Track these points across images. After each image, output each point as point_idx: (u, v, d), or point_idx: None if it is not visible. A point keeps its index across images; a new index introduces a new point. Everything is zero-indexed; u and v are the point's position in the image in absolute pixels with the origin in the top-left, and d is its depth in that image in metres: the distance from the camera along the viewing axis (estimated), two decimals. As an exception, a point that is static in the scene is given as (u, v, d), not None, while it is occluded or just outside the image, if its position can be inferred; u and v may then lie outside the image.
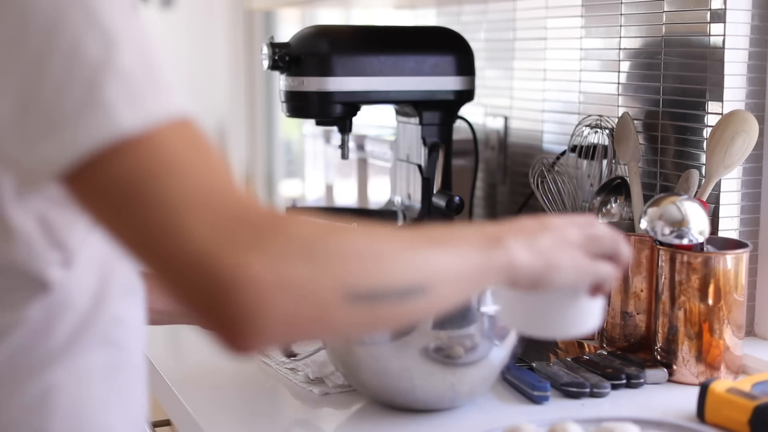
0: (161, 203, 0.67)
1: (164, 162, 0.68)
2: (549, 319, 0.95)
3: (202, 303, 0.67)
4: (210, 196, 0.69)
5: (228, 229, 0.67)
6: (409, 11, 2.24)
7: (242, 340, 0.67)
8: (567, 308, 0.94)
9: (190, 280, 0.67)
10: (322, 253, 0.70)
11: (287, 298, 0.67)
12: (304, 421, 1.20)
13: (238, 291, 0.66)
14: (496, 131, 1.88)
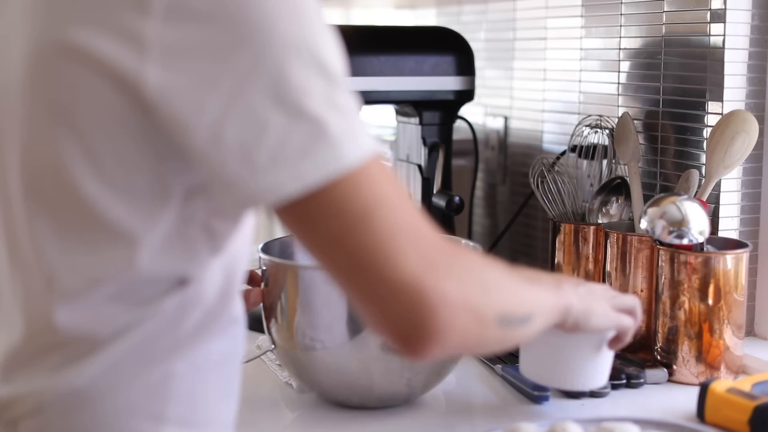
0: (381, 232, 0.77)
1: (380, 195, 0.78)
2: (569, 369, 1.09)
3: (404, 320, 0.78)
4: (415, 227, 0.79)
5: (430, 257, 0.79)
6: (409, 11, 2.24)
7: (427, 349, 0.80)
8: (587, 360, 1.08)
9: (398, 300, 0.78)
10: (488, 281, 0.85)
11: (467, 316, 0.81)
12: (302, 421, 1.20)
13: (437, 309, 0.78)
14: (496, 131, 1.88)
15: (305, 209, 0.76)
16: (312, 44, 0.76)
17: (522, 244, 1.82)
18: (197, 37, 0.72)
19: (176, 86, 0.73)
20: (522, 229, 1.81)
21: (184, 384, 0.83)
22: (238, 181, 0.75)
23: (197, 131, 0.73)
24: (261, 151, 0.73)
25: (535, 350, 1.10)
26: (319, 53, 0.76)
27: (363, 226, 0.76)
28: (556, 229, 1.48)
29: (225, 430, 0.90)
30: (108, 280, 0.79)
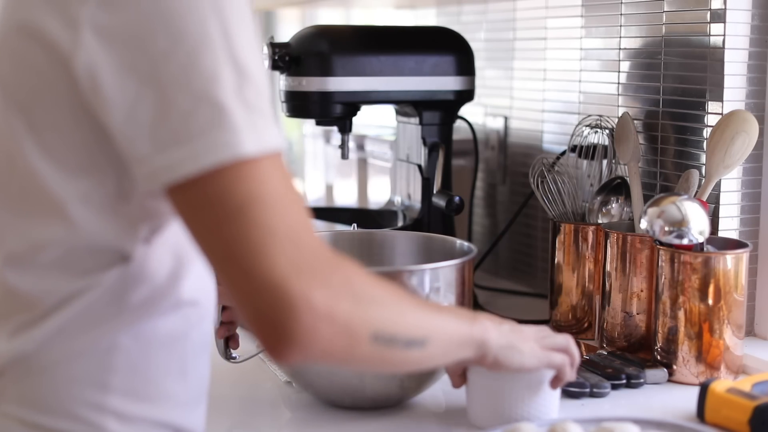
0: (257, 228, 0.79)
1: (266, 192, 0.80)
2: (511, 411, 1.07)
3: (265, 319, 0.80)
4: (295, 231, 0.81)
5: (303, 263, 0.80)
6: (409, 11, 2.24)
7: (286, 353, 0.81)
8: (529, 400, 1.07)
9: (261, 298, 0.79)
10: (364, 297, 0.85)
11: (332, 331, 0.81)
12: (302, 420, 1.20)
13: (298, 315, 0.79)
14: (496, 131, 1.88)
15: (193, 193, 0.79)
16: (230, 40, 0.80)
17: (522, 244, 1.82)
18: (123, 22, 0.79)
19: (101, 65, 0.79)
20: (522, 229, 1.81)
21: (127, 356, 0.88)
22: (144, 158, 0.79)
23: (115, 109, 0.79)
24: (165, 129, 0.78)
25: (475, 395, 1.10)
26: (235, 49, 0.80)
27: (239, 218, 0.79)
28: (556, 229, 1.48)
29: (178, 408, 0.93)
30: (49, 246, 0.85)
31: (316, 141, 2.30)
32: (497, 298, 1.72)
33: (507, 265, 1.87)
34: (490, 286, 1.79)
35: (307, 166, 2.40)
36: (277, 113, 1.61)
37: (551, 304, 1.50)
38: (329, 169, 2.23)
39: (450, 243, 1.29)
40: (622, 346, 1.34)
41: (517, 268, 1.84)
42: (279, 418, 1.19)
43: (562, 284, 1.48)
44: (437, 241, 1.31)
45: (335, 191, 2.22)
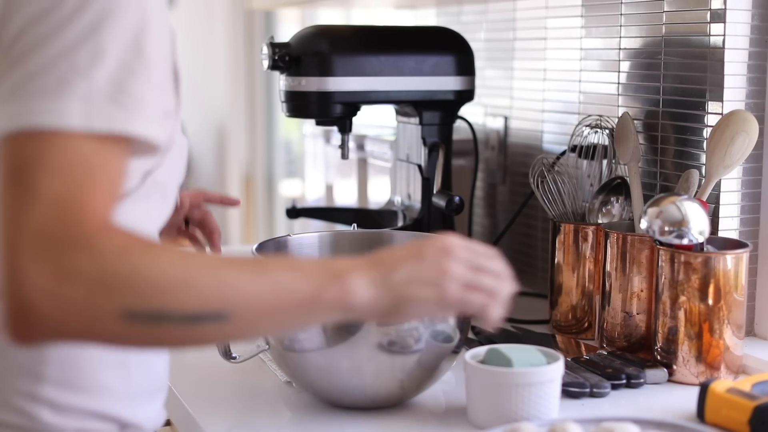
0: (23, 187, 0.76)
1: (57, 158, 0.77)
2: (513, 405, 1.06)
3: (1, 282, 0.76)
4: (62, 201, 0.76)
5: (43, 238, 0.75)
6: (409, 11, 2.24)
7: (14, 332, 0.76)
8: (530, 396, 1.06)
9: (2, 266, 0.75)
10: (109, 276, 0.76)
11: (55, 310, 0.75)
12: (302, 420, 1.20)
13: (15, 292, 0.74)
14: (496, 131, 1.88)
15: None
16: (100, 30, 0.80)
17: (522, 244, 1.82)
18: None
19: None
20: (522, 229, 1.81)
21: (59, 347, 0.89)
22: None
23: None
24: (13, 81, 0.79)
25: (475, 395, 1.11)
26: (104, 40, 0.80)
27: (13, 178, 0.77)
28: (556, 229, 1.48)
29: (120, 400, 0.93)
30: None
31: (316, 141, 2.30)
32: (497, 298, 1.72)
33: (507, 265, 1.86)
34: (490, 286, 1.79)
35: (307, 166, 2.40)
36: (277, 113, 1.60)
37: (551, 304, 1.50)
38: (329, 169, 2.23)
39: None
40: (622, 346, 1.34)
41: (517, 268, 1.83)
42: (279, 418, 1.19)
43: (562, 284, 1.48)
44: None
45: (335, 191, 2.22)
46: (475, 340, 1.43)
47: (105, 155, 0.80)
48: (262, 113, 3.90)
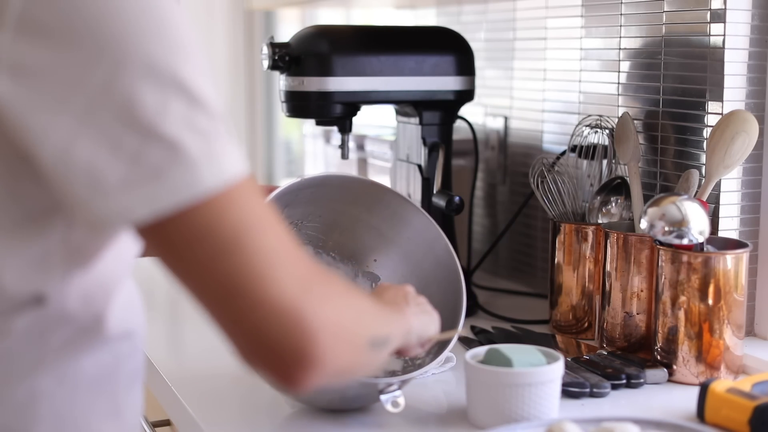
0: (257, 253, 0.74)
1: (249, 219, 0.75)
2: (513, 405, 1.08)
3: (281, 346, 0.75)
4: (288, 250, 0.77)
5: (306, 280, 0.77)
6: (409, 11, 2.24)
7: (305, 377, 0.76)
8: (530, 396, 1.08)
9: (274, 325, 0.74)
10: (357, 306, 0.85)
11: (344, 341, 0.79)
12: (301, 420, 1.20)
13: (317, 335, 0.75)
14: (496, 131, 1.88)
15: (166, 234, 0.73)
16: (173, 64, 0.73)
17: (522, 244, 1.82)
18: (49, 53, 0.70)
19: (26, 101, 0.71)
20: (522, 229, 1.81)
21: (51, 402, 0.82)
22: (87, 202, 0.72)
23: (46, 149, 0.71)
24: (111, 173, 0.71)
25: (475, 395, 1.11)
26: (180, 73, 0.73)
27: (234, 250, 0.73)
28: (556, 229, 1.48)
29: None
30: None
31: (316, 141, 2.30)
32: (497, 298, 1.72)
33: (507, 265, 1.87)
34: (490, 286, 1.79)
35: (307, 166, 2.40)
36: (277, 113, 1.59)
37: (551, 304, 1.50)
38: (329, 169, 2.23)
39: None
40: (622, 346, 1.34)
41: (517, 268, 1.84)
42: (279, 418, 1.19)
43: (562, 284, 1.48)
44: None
45: (335, 191, 2.21)
46: (475, 340, 1.43)
47: (260, 195, 0.78)
48: (262, 113, 3.90)
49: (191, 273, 0.75)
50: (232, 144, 0.75)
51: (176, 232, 0.73)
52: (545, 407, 1.08)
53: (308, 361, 0.75)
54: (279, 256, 0.75)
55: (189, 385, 1.26)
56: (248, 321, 0.75)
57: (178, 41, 0.74)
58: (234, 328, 0.76)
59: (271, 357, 0.76)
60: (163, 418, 1.34)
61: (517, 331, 1.49)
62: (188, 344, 1.53)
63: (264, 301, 0.74)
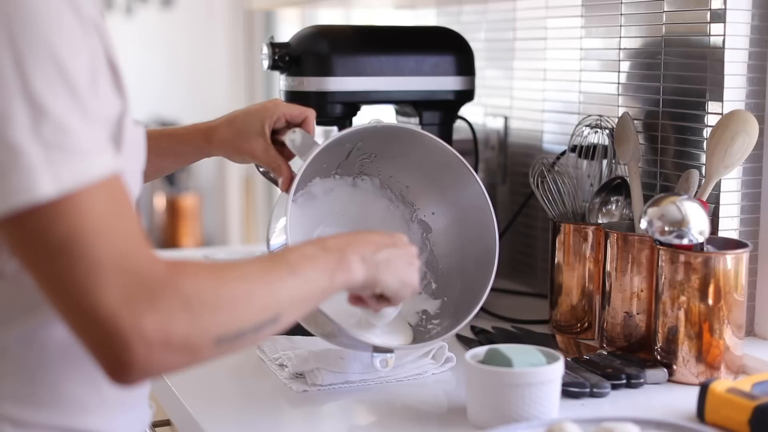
0: (79, 264, 0.77)
1: (83, 226, 0.77)
2: (513, 405, 1.08)
3: (101, 351, 0.79)
4: (121, 257, 0.79)
5: (130, 292, 0.78)
6: (409, 11, 2.24)
7: (128, 380, 0.80)
8: (530, 396, 1.08)
9: (94, 333, 0.78)
10: (198, 308, 0.82)
11: (170, 353, 0.80)
12: (301, 420, 1.20)
13: (132, 347, 0.78)
14: (496, 131, 1.88)
15: (7, 231, 0.79)
16: (24, 75, 0.77)
17: (522, 244, 1.82)
18: None
19: None
20: (522, 229, 1.81)
21: (17, 362, 0.88)
22: None
23: None
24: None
25: (475, 395, 1.11)
26: (30, 84, 0.77)
27: (60, 258, 0.77)
28: (556, 229, 1.48)
29: (89, 413, 0.91)
30: None
31: (316, 141, 2.29)
32: (497, 298, 1.72)
33: (507, 265, 1.87)
34: (490, 286, 1.79)
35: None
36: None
37: (551, 304, 1.50)
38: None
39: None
40: (622, 346, 1.34)
41: (517, 268, 1.84)
42: (279, 418, 1.19)
43: (562, 284, 1.48)
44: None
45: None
46: (475, 340, 1.43)
47: (113, 194, 0.81)
48: (262, 113, 3.89)
49: (29, 268, 0.80)
50: (82, 152, 0.78)
51: (12, 233, 0.78)
52: (545, 407, 1.08)
53: (126, 368, 0.79)
54: (102, 266, 0.78)
55: (189, 385, 1.26)
56: (74, 323, 0.79)
57: (31, 49, 0.77)
58: (67, 324, 0.80)
59: (96, 356, 0.80)
60: (163, 418, 1.34)
61: (517, 331, 1.49)
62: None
63: (84, 310, 0.78)
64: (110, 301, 0.78)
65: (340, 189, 1.34)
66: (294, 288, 0.92)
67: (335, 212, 1.33)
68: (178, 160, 1.35)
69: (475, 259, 1.30)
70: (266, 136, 1.25)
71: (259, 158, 1.25)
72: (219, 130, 1.28)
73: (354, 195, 1.35)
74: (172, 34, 4.50)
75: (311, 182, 1.32)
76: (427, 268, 1.35)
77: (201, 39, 4.18)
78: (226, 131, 1.27)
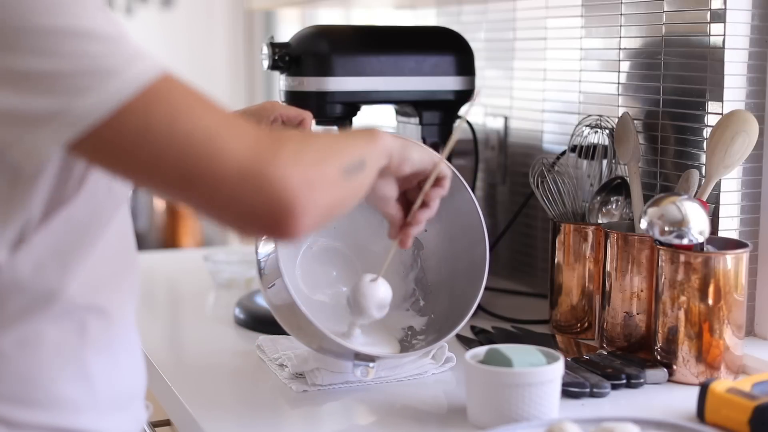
0: (195, 137, 0.79)
1: (178, 106, 0.80)
2: (513, 405, 1.08)
3: (258, 206, 0.81)
4: (229, 123, 0.81)
5: (257, 143, 0.81)
6: (409, 11, 2.24)
7: (289, 230, 0.82)
8: (530, 396, 1.08)
9: (242, 192, 0.80)
10: (318, 146, 0.88)
11: (315, 184, 0.84)
12: (302, 420, 1.20)
13: (287, 188, 0.81)
14: (496, 131, 1.88)
15: (104, 147, 0.79)
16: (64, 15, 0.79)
17: (522, 244, 1.82)
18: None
19: None
20: (522, 229, 1.81)
21: (10, 363, 0.87)
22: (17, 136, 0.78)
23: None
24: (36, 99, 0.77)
25: (475, 395, 1.11)
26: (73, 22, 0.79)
27: (173, 140, 0.79)
28: (556, 229, 1.48)
29: (82, 413, 0.91)
30: None
31: (316, 141, 2.29)
32: (497, 298, 1.72)
33: (507, 265, 1.87)
34: (490, 286, 1.78)
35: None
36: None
37: (551, 304, 1.50)
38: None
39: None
40: (622, 346, 1.34)
41: (517, 268, 1.84)
42: (279, 418, 1.19)
43: (562, 284, 1.48)
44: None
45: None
46: (475, 340, 1.43)
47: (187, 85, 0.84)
48: (262, 113, 3.89)
49: (146, 175, 0.81)
50: (138, 54, 0.81)
51: (112, 142, 0.79)
52: (545, 407, 1.08)
53: (290, 214, 0.81)
54: (220, 131, 0.80)
55: (189, 385, 1.26)
56: (218, 198, 0.81)
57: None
58: (211, 209, 0.82)
59: (255, 222, 0.82)
60: (163, 418, 1.34)
61: (517, 331, 1.49)
62: (188, 344, 1.53)
63: (224, 176, 0.79)
64: (246, 155, 0.80)
65: None
66: (360, 142, 0.98)
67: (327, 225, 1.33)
68: None
69: (465, 276, 1.29)
70: None
71: None
72: None
73: None
74: (172, 34, 4.50)
75: None
76: (416, 285, 1.34)
77: (201, 39, 4.18)
78: None
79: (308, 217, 0.83)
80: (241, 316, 1.54)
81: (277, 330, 1.35)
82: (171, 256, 2.50)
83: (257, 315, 1.52)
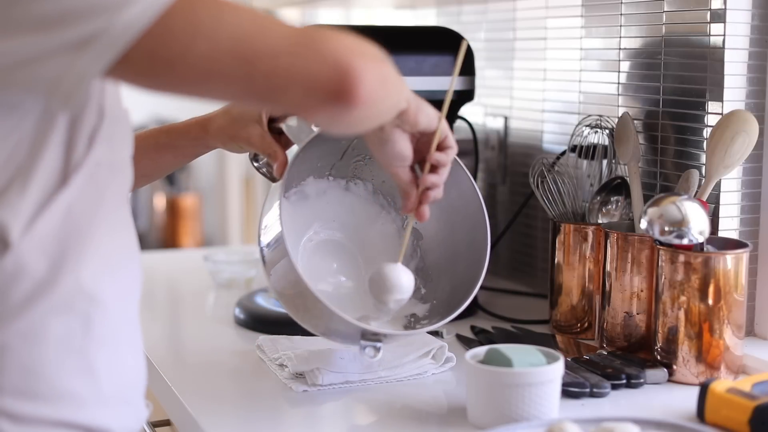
0: (243, 16, 0.83)
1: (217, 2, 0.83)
2: (513, 405, 1.08)
3: (317, 75, 0.85)
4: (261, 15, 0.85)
5: (300, 30, 0.86)
6: (409, 11, 2.24)
7: (352, 95, 0.86)
8: (530, 396, 1.08)
9: (301, 60, 0.84)
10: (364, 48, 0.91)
11: (365, 59, 0.88)
12: (302, 420, 1.20)
13: (340, 56, 0.86)
14: (496, 131, 1.88)
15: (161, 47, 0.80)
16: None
17: (522, 244, 1.82)
18: None
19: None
20: (522, 229, 1.81)
21: (16, 356, 0.87)
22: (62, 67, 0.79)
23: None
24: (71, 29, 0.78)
25: (475, 395, 1.11)
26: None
27: (225, 25, 0.81)
28: (556, 229, 1.48)
29: (87, 407, 0.91)
30: None
31: (316, 141, 2.29)
32: (497, 298, 1.72)
33: (507, 265, 1.87)
34: (490, 286, 1.79)
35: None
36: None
37: (551, 304, 1.50)
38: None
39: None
40: (622, 346, 1.34)
41: (517, 268, 1.84)
42: (279, 418, 1.20)
43: (562, 284, 1.48)
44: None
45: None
46: (475, 340, 1.43)
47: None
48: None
49: (204, 75, 0.83)
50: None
51: (165, 46, 0.80)
52: (545, 407, 1.08)
53: (349, 76, 0.85)
54: (260, 14, 0.85)
55: (189, 385, 1.26)
56: (281, 75, 0.84)
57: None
58: (277, 92, 0.85)
59: (319, 91, 0.85)
60: (163, 418, 1.34)
61: (517, 331, 1.49)
62: (188, 344, 1.53)
63: (280, 48, 0.83)
64: (289, 29, 0.85)
65: (332, 192, 1.34)
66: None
67: (327, 215, 1.33)
68: (177, 154, 1.34)
69: (466, 261, 1.29)
70: (263, 123, 1.25)
71: (256, 145, 1.24)
72: (216, 119, 1.28)
73: (346, 199, 1.35)
74: (172, 34, 4.50)
75: (305, 181, 1.31)
76: (417, 275, 1.34)
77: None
78: (223, 120, 1.27)
79: (367, 83, 0.86)
80: (241, 316, 1.54)
81: (277, 330, 1.36)
82: (171, 256, 2.50)
83: (257, 315, 1.52)
